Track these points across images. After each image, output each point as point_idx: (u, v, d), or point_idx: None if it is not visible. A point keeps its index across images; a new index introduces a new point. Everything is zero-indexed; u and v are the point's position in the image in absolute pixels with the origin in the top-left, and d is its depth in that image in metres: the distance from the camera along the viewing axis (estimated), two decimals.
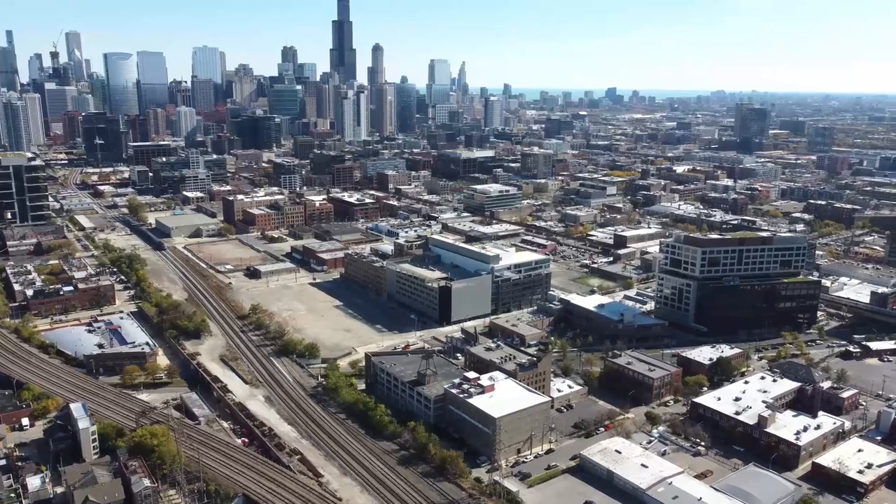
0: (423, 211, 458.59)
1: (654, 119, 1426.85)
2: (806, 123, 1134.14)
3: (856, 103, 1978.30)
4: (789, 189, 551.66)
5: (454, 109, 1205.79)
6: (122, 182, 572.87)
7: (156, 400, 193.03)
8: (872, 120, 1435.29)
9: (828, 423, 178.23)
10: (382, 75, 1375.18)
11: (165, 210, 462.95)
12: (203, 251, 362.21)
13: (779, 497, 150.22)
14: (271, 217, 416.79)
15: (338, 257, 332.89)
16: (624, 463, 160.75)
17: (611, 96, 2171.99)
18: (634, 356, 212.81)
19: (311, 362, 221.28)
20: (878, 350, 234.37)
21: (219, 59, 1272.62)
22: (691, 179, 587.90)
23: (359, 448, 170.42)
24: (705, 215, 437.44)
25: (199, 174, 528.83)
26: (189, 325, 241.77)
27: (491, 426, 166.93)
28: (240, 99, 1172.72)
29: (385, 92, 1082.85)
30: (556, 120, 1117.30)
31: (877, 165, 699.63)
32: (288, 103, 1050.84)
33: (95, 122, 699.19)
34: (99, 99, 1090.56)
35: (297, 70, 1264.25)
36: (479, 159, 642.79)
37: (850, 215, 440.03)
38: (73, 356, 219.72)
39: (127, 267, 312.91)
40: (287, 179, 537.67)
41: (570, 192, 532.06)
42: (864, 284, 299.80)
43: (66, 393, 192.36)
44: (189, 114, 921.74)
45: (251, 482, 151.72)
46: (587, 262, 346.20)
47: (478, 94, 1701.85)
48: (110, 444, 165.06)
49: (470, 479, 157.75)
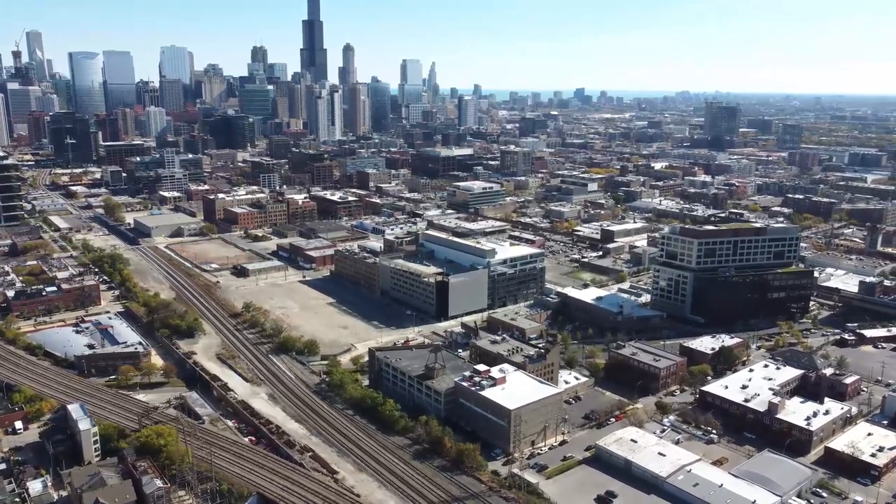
0: (407, 208, 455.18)
1: (623, 119, 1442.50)
2: (773, 122, 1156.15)
3: (815, 103, 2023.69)
4: (765, 184, 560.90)
5: (428, 109, 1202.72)
6: (95, 183, 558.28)
7: (154, 400, 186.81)
8: (834, 119, 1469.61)
9: (836, 409, 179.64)
10: (354, 75, 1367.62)
11: (142, 210, 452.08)
12: (186, 250, 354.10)
13: (798, 482, 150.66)
14: (254, 216, 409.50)
15: (327, 255, 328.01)
16: (641, 452, 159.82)
17: (579, 97, 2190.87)
18: (638, 347, 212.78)
19: (310, 359, 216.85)
20: (872, 337, 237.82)
21: (187, 59, 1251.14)
22: (669, 176, 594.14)
23: (371, 444, 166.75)
24: (687, 210, 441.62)
25: (175, 174, 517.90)
26: (182, 324, 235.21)
27: (506, 418, 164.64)
28: (209, 99, 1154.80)
29: (358, 92, 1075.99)
30: (530, 119, 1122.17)
31: (846, 161, 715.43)
32: (259, 103, 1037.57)
33: (64, 122, 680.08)
34: (64, 99, 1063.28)
35: (267, 70, 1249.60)
36: (458, 157, 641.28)
37: (827, 209, 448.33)
38: (62, 357, 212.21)
39: (109, 267, 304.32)
40: (266, 178, 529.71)
41: (552, 188, 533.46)
42: (850, 275, 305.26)
43: (60, 395, 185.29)
44: (158, 114, 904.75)
45: (265, 481, 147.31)
46: (577, 257, 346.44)
47: (448, 94, 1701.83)
48: (112, 446, 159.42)
49: (487, 473, 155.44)
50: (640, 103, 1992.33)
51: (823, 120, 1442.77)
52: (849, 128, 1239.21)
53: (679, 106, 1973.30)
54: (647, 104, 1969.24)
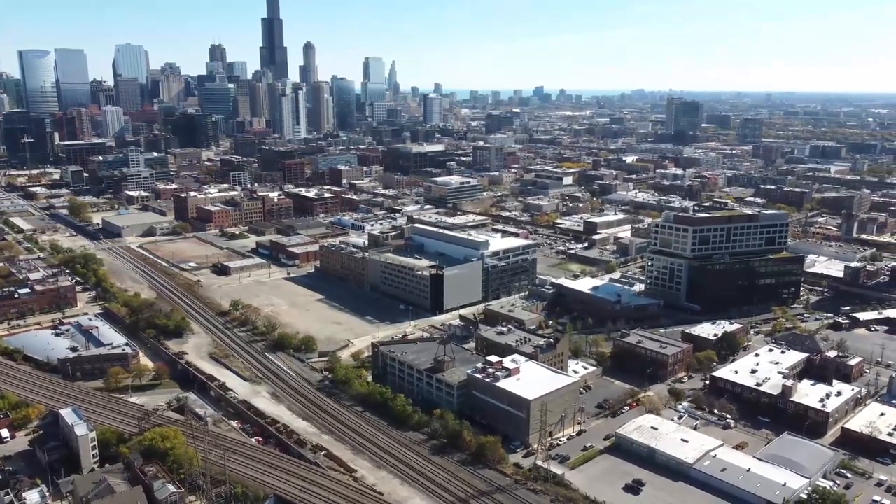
0: (385, 204, 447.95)
1: (584, 116, 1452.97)
2: (731, 117, 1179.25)
3: (766, 100, 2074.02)
4: (734, 176, 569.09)
5: (392, 107, 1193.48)
6: (55, 183, 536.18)
7: (148, 403, 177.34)
8: (787, 114, 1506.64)
9: (847, 390, 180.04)
10: (315, 74, 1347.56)
11: (109, 210, 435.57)
12: (161, 249, 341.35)
13: (822, 463, 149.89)
14: (229, 213, 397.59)
15: (310, 251, 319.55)
16: (663, 439, 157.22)
17: (539, 95, 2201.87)
18: (643, 335, 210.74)
19: (308, 356, 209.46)
20: (865, 320, 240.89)
21: (143, 58, 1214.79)
22: (641, 169, 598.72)
23: (385, 440, 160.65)
24: (665, 201, 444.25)
25: (141, 173, 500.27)
26: (169, 324, 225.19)
27: (524, 409, 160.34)
28: (167, 98, 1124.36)
29: (321, 90, 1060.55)
30: (495, 116, 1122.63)
31: (807, 153, 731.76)
32: (220, 102, 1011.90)
33: (18, 121, 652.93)
34: (14, 100, 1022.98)
35: (227, 69, 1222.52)
36: (430, 154, 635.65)
37: (798, 198, 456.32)
38: (44, 361, 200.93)
39: (83, 268, 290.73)
40: (237, 176, 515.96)
41: (527, 183, 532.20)
42: (832, 261, 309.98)
43: (48, 400, 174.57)
44: (116, 113, 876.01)
45: (281, 482, 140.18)
46: (563, 249, 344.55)
47: (410, 93, 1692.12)
48: (112, 451, 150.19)
49: (510, 466, 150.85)
50: (599, 101, 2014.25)
51: (777, 115, 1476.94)
52: (802, 122, 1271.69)
53: (636, 103, 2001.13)
54: (605, 102, 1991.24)
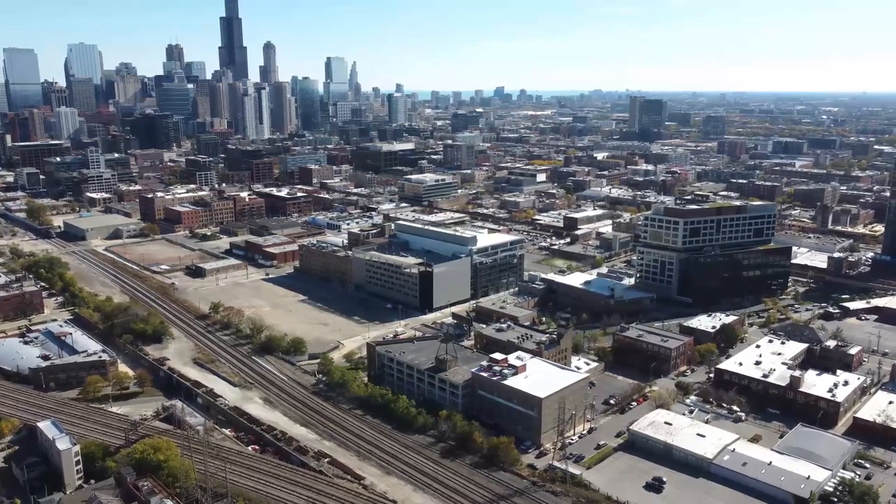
0: (359, 203, 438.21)
1: (546, 115, 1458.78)
2: (691, 115, 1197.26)
3: (721, 99, 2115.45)
4: (704, 171, 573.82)
5: (356, 107, 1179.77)
6: (8, 186, 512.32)
7: (132, 412, 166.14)
8: (743, 112, 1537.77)
9: (853, 380, 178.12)
10: (275, 74, 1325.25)
11: (70, 213, 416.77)
12: (129, 252, 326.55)
13: (841, 454, 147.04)
14: (199, 214, 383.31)
15: (287, 251, 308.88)
16: (679, 434, 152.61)
17: (500, 95, 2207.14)
18: (643, 329, 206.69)
19: (298, 359, 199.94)
20: (855, 310, 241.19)
21: (97, 58, 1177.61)
22: (612, 165, 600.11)
23: (391, 444, 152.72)
24: (640, 196, 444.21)
25: (102, 174, 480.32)
26: (147, 329, 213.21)
27: (535, 408, 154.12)
28: (123, 99, 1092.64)
29: (283, 90, 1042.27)
30: (461, 115, 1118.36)
31: (770, 149, 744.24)
32: (179, 103, 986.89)
33: None
34: None
35: (185, 69, 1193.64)
36: (401, 152, 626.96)
37: (770, 192, 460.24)
38: (13, 371, 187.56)
39: (47, 272, 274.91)
40: (204, 176, 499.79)
41: (501, 180, 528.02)
42: (813, 252, 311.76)
43: (22, 413, 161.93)
44: (70, 114, 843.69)
45: (286, 493, 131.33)
46: (545, 245, 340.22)
47: (371, 93, 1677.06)
48: (98, 466, 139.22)
49: (524, 467, 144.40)
50: (559, 101, 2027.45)
51: (734, 113, 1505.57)
52: (759, 120, 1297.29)
53: (596, 103, 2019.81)
54: (565, 101, 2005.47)
